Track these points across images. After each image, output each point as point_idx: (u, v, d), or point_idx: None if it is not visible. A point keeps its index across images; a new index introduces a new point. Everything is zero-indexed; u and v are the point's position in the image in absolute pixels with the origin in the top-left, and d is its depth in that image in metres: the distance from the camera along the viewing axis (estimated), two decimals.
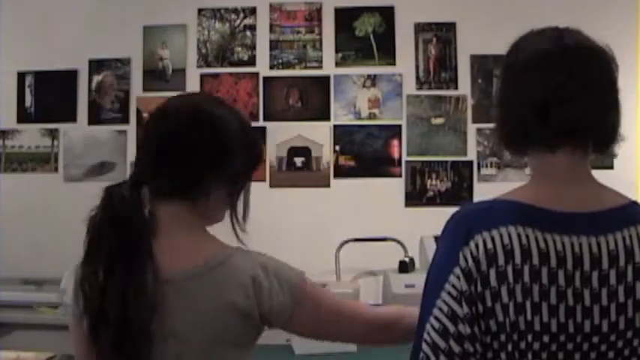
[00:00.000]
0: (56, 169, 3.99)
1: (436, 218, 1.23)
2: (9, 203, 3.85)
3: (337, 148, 3.89)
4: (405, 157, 3.87)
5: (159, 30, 3.99)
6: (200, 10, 3.99)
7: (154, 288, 1.12)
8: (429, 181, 3.87)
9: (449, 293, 0.99)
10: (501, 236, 0.98)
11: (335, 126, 3.90)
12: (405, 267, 2.61)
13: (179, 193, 1.22)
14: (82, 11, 3.99)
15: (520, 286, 0.96)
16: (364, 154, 3.89)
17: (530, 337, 0.96)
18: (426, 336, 0.99)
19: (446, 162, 3.87)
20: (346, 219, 3.72)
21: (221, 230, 1.29)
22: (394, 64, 3.90)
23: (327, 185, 3.87)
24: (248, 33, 3.97)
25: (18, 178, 3.98)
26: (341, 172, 3.88)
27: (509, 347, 0.96)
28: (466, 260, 0.98)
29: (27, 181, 3.99)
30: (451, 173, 3.86)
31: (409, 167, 3.87)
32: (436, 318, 0.99)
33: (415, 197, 3.86)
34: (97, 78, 3.99)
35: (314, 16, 3.94)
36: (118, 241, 1.15)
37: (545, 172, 1.06)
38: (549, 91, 1.02)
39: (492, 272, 0.97)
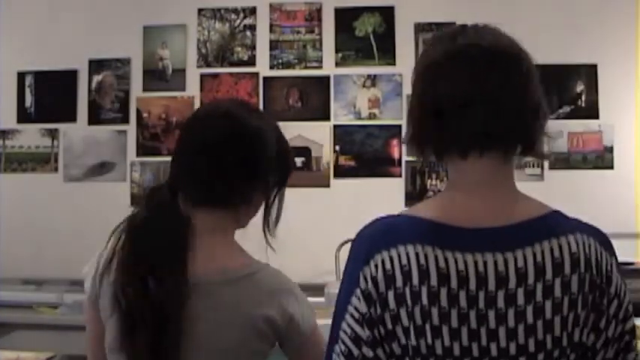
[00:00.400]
0: (56, 169, 3.99)
1: None
2: (9, 203, 3.85)
3: (337, 148, 3.89)
4: (405, 157, 3.87)
5: (159, 30, 3.99)
6: (200, 10, 3.99)
7: (187, 291, 1.14)
8: (429, 181, 3.87)
9: (352, 316, 0.95)
10: (399, 256, 0.93)
11: (335, 126, 3.90)
12: None
13: (214, 201, 1.23)
14: (82, 11, 3.99)
15: (419, 309, 0.91)
16: (364, 154, 3.89)
17: None
18: (334, 357, 0.97)
19: None
20: (346, 219, 3.70)
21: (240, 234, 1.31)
22: (394, 64, 3.89)
23: (327, 185, 3.87)
24: (248, 33, 3.97)
25: (18, 178, 3.98)
26: (341, 172, 3.88)
27: None
28: (366, 281, 0.94)
29: (27, 181, 3.99)
30: None
31: (409, 167, 3.87)
32: (342, 341, 0.95)
33: (415, 197, 3.86)
34: (97, 78, 3.99)
35: (314, 16, 3.94)
36: (160, 244, 1.17)
37: (457, 182, 1.01)
38: (457, 95, 0.96)
39: (390, 294, 0.92)
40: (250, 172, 1.25)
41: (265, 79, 3.94)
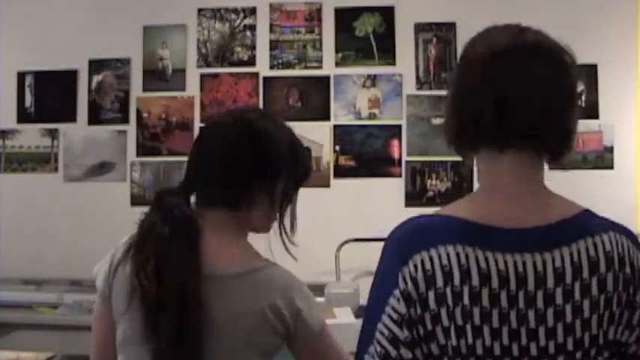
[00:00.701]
0: (56, 169, 3.99)
1: None
2: (9, 203, 3.85)
3: (337, 148, 3.89)
4: (405, 157, 3.87)
5: (159, 30, 3.99)
6: (200, 10, 3.99)
7: (199, 280, 1.18)
8: (429, 181, 3.87)
9: (389, 317, 0.95)
10: (440, 256, 0.94)
11: (335, 126, 3.90)
12: None
13: (224, 202, 1.29)
14: (82, 11, 3.99)
15: (460, 309, 0.92)
16: (364, 154, 3.89)
17: None
18: (369, 358, 0.97)
19: (446, 162, 3.87)
20: (346, 219, 3.72)
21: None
22: (394, 64, 3.89)
23: (327, 185, 3.87)
24: (248, 33, 3.97)
25: (18, 178, 3.98)
26: (341, 172, 3.88)
27: None
28: (405, 282, 0.94)
29: (27, 181, 3.99)
30: (451, 173, 3.86)
31: (409, 167, 3.87)
32: (378, 342, 0.96)
33: (415, 197, 3.86)
34: (97, 78, 3.99)
35: (314, 16, 3.94)
36: (170, 234, 1.21)
37: (491, 180, 1.02)
38: (508, 88, 0.97)
39: (431, 294, 0.93)
40: (253, 175, 1.29)
41: (265, 79, 3.94)
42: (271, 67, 3.94)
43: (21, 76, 4.02)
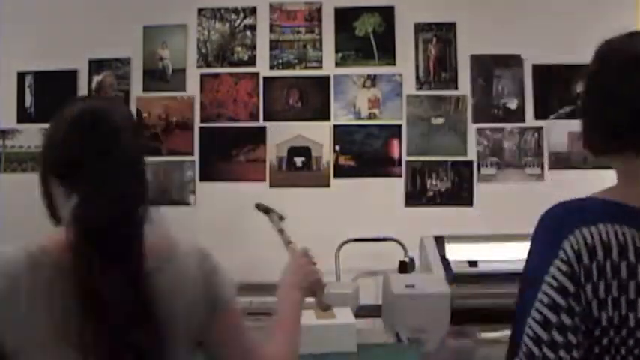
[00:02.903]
0: None
1: (436, 218, 1.23)
2: (9, 203, 3.85)
3: (337, 148, 3.89)
4: (405, 157, 3.88)
5: (159, 30, 3.99)
6: (200, 10, 3.99)
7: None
8: (429, 181, 3.87)
9: (550, 285, 1.00)
10: (600, 233, 1.01)
11: (335, 126, 3.90)
12: (405, 267, 2.61)
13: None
14: (82, 11, 3.99)
15: (617, 282, 0.99)
16: (364, 154, 3.89)
17: (624, 333, 0.98)
18: (527, 329, 1.00)
19: (446, 162, 3.87)
20: (346, 219, 3.72)
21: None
22: (394, 64, 3.90)
23: (327, 185, 3.87)
24: (248, 33, 3.97)
25: (18, 178, 3.98)
26: (341, 172, 3.89)
27: (604, 341, 0.99)
28: (566, 253, 1.01)
29: (27, 181, 3.98)
30: (451, 173, 3.86)
31: (409, 167, 3.87)
32: (537, 310, 1.00)
33: (415, 197, 3.86)
34: (97, 78, 4.00)
35: (314, 16, 3.95)
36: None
37: (630, 175, 1.09)
38: None
39: (594, 266, 1.00)
40: None
41: (265, 79, 3.94)
42: (271, 67, 3.95)
43: (21, 76, 4.02)
